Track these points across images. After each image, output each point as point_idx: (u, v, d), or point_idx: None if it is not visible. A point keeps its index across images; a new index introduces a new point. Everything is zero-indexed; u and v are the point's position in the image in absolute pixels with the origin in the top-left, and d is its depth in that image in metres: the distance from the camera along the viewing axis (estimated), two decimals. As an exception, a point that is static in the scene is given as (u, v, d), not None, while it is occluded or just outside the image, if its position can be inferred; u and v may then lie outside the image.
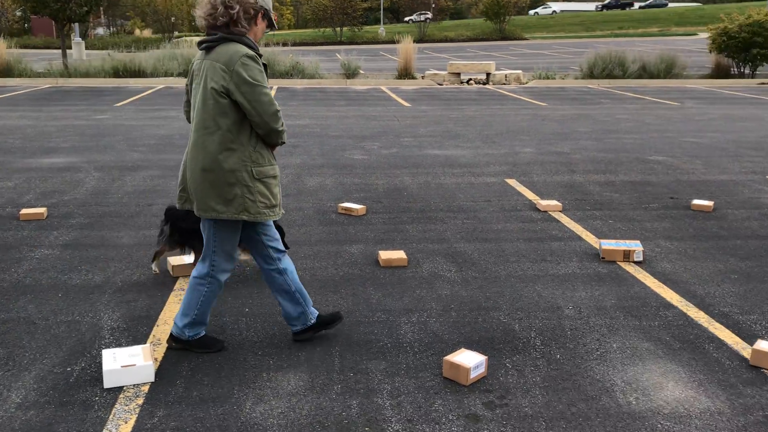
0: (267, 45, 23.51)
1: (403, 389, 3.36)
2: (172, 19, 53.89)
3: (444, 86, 19.87)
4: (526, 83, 20.17)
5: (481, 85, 20.04)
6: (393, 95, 17.26)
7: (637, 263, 5.15)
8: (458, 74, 20.50)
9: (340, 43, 49.70)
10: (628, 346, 3.85)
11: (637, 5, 77.50)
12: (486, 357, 3.53)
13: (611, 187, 7.53)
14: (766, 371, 3.54)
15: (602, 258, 5.23)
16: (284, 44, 24.25)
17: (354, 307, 4.33)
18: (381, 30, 55.97)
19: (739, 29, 19.74)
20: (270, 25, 3.46)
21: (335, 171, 8.32)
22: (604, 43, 39.80)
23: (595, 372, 3.55)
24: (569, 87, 19.22)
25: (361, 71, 21.48)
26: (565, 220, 6.31)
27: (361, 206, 6.50)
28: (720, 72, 21.30)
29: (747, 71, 21.10)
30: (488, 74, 20.46)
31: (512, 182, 7.77)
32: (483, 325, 4.07)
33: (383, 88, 19.25)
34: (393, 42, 26.17)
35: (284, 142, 3.45)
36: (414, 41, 22.03)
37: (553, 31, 62.81)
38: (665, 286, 4.71)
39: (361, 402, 3.25)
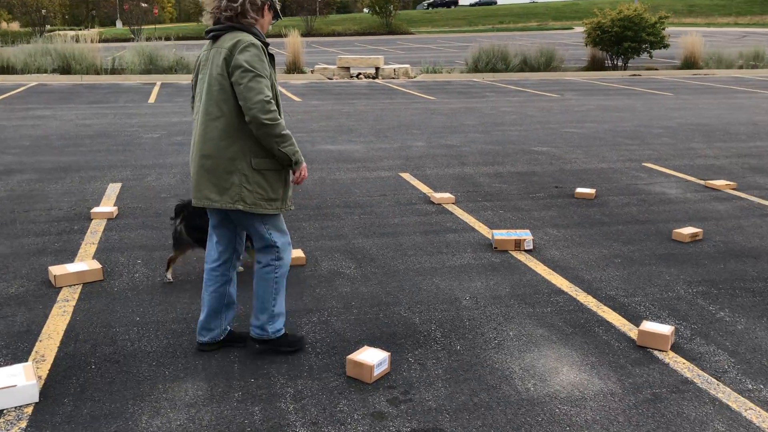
0: (148, 39, 22.59)
1: (306, 392, 3.31)
2: (43, 12, 50.81)
3: (334, 80, 19.82)
4: (415, 77, 20.46)
5: (370, 80, 20.14)
6: (283, 90, 17.04)
7: (528, 251, 5.33)
8: (348, 68, 20.51)
9: (226, 37, 48.57)
10: (524, 333, 3.96)
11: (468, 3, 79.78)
12: (389, 353, 3.53)
13: (500, 179, 7.75)
14: (651, 351, 3.74)
15: (495, 248, 5.37)
16: (167, 39, 23.39)
17: (251, 310, 4.22)
18: (267, 24, 55.10)
19: (612, 24, 20.85)
20: (276, 16, 3.43)
21: (226, 169, 8.10)
22: (486, 37, 40.97)
23: (494, 361, 3.63)
24: (456, 81, 19.65)
25: (249, 66, 21.05)
26: (458, 212, 6.43)
27: (255, 205, 6.36)
28: (595, 64, 22.42)
29: (620, 63, 22.32)
30: (377, 68, 20.59)
31: (406, 176, 7.84)
32: (384, 321, 4.08)
33: (272, 83, 18.97)
34: (280, 36, 25.84)
35: (289, 154, 3.24)
36: (301, 35, 21.85)
37: (437, 25, 64.07)
38: (555, 273, 4.90)
39: (264, 408, 3.17)
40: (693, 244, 5.56)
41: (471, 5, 77.39)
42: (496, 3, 77.86)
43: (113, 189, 7.12)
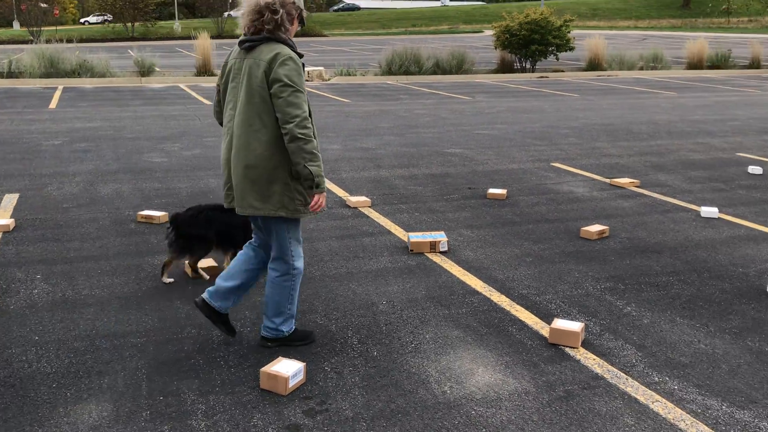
0: (48, 41, 21.58)
1: (218, 407, 3.19)
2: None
3: (246, 84, 19.50)
4: (329, 80, 20.38)
5: (284, 82, 19.92)
6: (193, 93, 16.61)
7: (443, 253, 5.36)
8: (260, 71, 20.22)
9: (132, 39, 46.98)
10: (440, 335, 3.97)
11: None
12: (304, 363, 3.46)
13: (415, 181, 7.79)
14: (563, 348, 3.82)
15: (411, 250, 5.37)
16: (69, 41, 22.39)
17: (160, 324, 4.06)
18: (176, 26, 53.79)
19: (519, 27, 21.39)
20: (301, 23, 3.50)
21: (132, 176, 7.80)
22: (399, 40, 41.33)
23: (411, 365, 3.61)
24: (370, 83, 19.70)
25: (157, 68, 20.44)
26: (374, 215, 6.41)
27: (163, 213, 6.14)
28: (505, 67, 22.95)
29: (528, 66, 22.93)
30: (290, 71, 20.38)
31: (320, 180, 7.76)
32: (300, 330, 3.99)
33: (182, 86, 18.47)
34: (190, 38, 25.20)
35: (314, 175, 3.34)
36: (212, 37, 21.37)
37: (351, 28, 64.18)
38: (469, 274, 4.94)
39: (174, 427, 3.03)
40: (600, 241, 5.74)
41: (334, 11, 78.02)
42: (359, 8, 78.72)
43: (9, 200, 6.72)
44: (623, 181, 7.69)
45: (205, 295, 3.66)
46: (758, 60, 24.33)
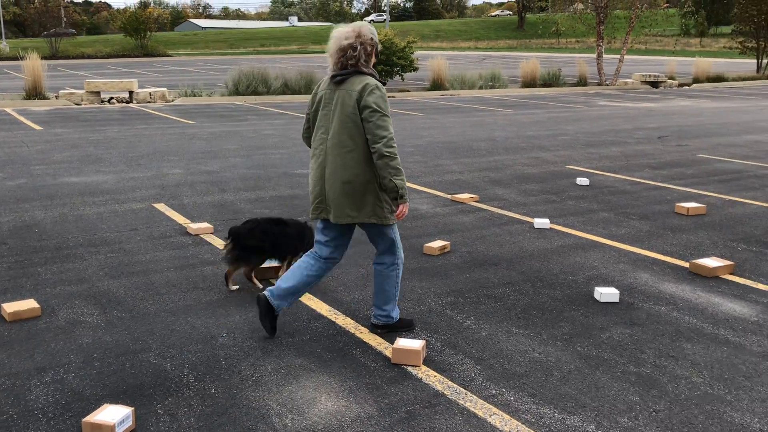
0: None
1: (34, 467, 2.89)
2: None
3: (82, 106, 18.40)
4: (173, 101, 19.69)
5: (124, 104, 19.00)
6: (21, 117, 15.43)
7: (288, 278, 5.25)
8: (98, 93, 19.16)
9: (-48, 59, 43.10)
10: (282, 365, 3.86)
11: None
12: (132, 408, 3.23)
13: (261, 204, 7.63)
14: (406, 367, 3.84)
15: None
16: None
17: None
18: (3, 44, 50.00)
19: (365, 48, 21.80)
20: (376, 56, 4.05)
21: (-55, 212, 7.06)
22: (248, 60, 40.90)
23: (251, 399, 3.48)
24: (216, 104, 19.24)
25: (-20, 92, 18.81)
26: (217, 242, 6.19)
27: (-21, 251, 5.59)
28: (353, 87, 23.28)
29: (375, 86, 23.41)
30: (131, 92, 19.50)
31: (161, 206, 7.42)
32: (131, 371, 3.74)
33: (8, 110, 17.10)
34: (16, 58, 23.45)
35: (399, 188, 3.86)
36: (45, 57, 20.02)
37: (197, 47, 62.71)
38: (315, 298, 4.87)
39: (-20, 495, 2.71)
40: (442, 256, 5.88)
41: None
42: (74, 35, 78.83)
43: None
44: (463, 196, 7.96)
45: (267, 293, 4.10)
46: (584, 78, 26.33)
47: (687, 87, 26.62)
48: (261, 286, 5.01)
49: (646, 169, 9.91)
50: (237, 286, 5.02)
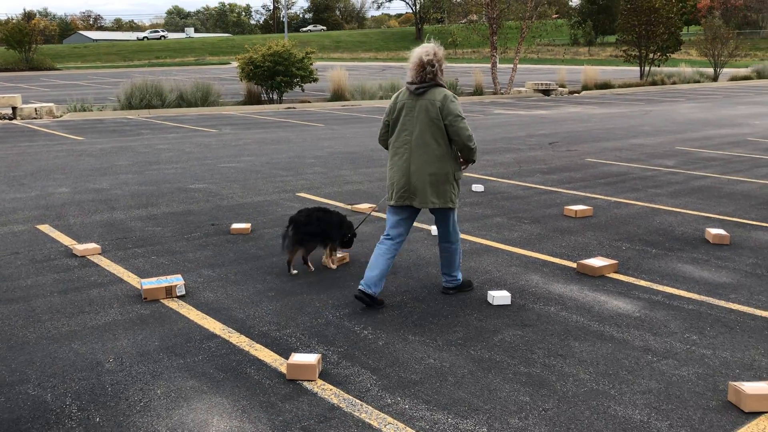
0: None
1: None
2: None
3: (-40, 124, 17.28)
4: (61, 116, 18.80)
5: (7, 121, 17.98)
6: None
7: (181, 297, 5.09)
8: (-23, 109, 18.05)
9: None
10: (173, 389, 3.72)
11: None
12: (6, 445, 3.03)
13: (153, 221, 7.38)
14: (301, 382, 3.78)
15: (145, 298, 5.03)
16: None
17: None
18: None
19: (263, 59, 21.57)
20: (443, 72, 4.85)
21: None
22: (141, 72, 39.67)
23: (139, 426, 3.33)
24: (108, 119, 18.53)
25: None
26: (105, 263, 5.93)
27: None
28: (252, 98, 22.97)
29: (275, 97, 23.19)
30: (15, 108, 18.48)
31: (45, 228, 7.04)
32: (6, 406, 3.51)
33: None
34: None
35: (475, 160, 4.99)
36: None
37: (88, 60, 60.35)
38: (208, 317, 4.74)
39: None
40: (341, 268, 5.86)
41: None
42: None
43: None
44: (363, 206, 7.98)
45: (362, 287, 4.85)
46: (481, 87, 27.08)
47: (577, 94, 27.86)
48: (313, 269, 5.73)
49: (538, 174, 10.27)
50: (296, 271, 5.66)
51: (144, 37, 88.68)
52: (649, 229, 7.12)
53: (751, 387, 3.57)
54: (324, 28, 54.17)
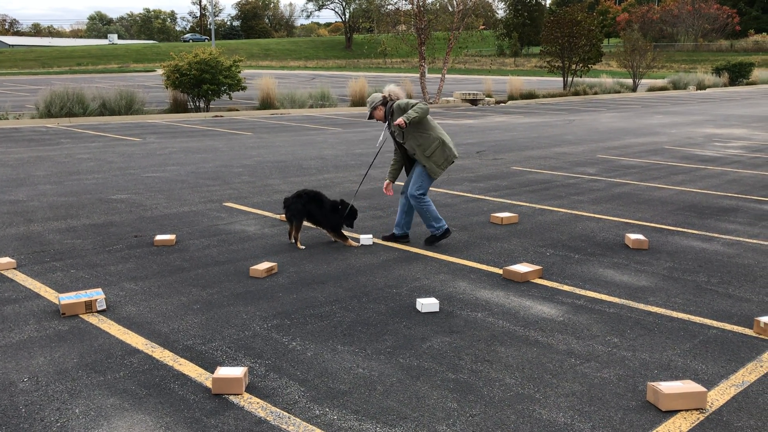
0: None
1: None
2: None
3: None
4: (-26, 125, 17.95)
5: None
6: None
7: (101, 312, 4.92)
8: None
9: None
10: (92, 407, 3.58)
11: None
12: None
13: (73, 234, 7.11)
14: (227, 397, 3.70)
15: (63, 314, 4.84)
16: None
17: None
18: None
19: (189, 67, 21.16)
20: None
21: None
22: (62, 79, 38.30)
23: (55, 449, 3.19)
24: (25, 127, 17.79)
25: None
26: (20, 278, 5.68)
27: None
28: (178, 107, 22.50)
29: (202, 105, 22.78)
30: None
31: (-46, 242, 6.69)
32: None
33: None
34: None
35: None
36: None
37: (4, 66, 57.97)
38: (130, 332, 4.59)
39: None
40: (269, 278, 5.79)
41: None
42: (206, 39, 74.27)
43: None
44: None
45: (395, 232, 6.86)
46: (410, 97, 27.34)
47: (503, 104, 28.47)
48: (303, 247, 6.68)
49: (465, 182, 10.43)
50: (303, 246, 6.71)
51: (189, 39, 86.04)
52: (572, 235, 7.32)
53: (667, 387, 3.70)
54: (207, 38, 53.43)
